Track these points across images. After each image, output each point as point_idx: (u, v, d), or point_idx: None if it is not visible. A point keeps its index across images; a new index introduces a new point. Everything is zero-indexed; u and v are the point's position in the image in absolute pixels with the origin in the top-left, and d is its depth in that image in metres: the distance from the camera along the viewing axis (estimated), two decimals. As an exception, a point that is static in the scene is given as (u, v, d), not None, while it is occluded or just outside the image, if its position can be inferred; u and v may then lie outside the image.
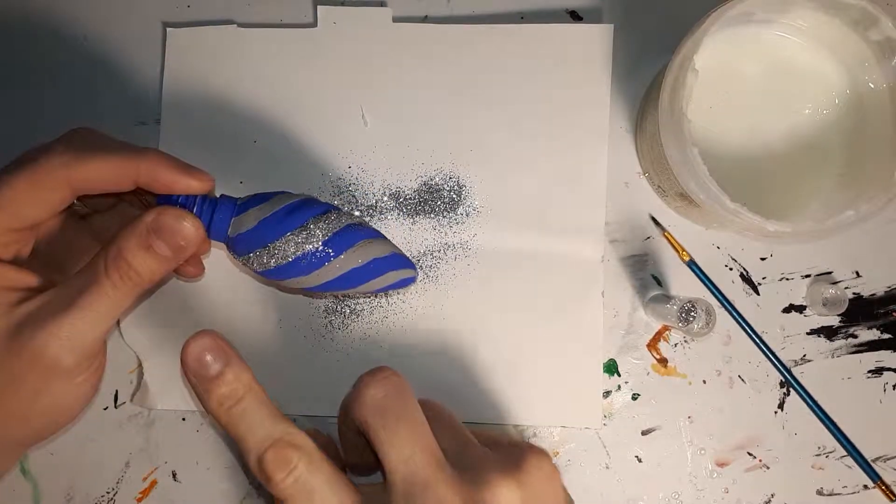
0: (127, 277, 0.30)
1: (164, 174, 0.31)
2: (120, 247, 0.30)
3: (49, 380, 0.30)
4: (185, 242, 0.31)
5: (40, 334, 0.29)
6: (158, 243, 0.30)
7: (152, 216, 0.31)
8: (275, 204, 0.33)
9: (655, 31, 0.43)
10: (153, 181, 0.31)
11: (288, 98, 0.43)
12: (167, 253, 0.31)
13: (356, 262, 0.34)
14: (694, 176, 0.34)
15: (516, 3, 0.43)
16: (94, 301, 0.29)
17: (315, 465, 0.28)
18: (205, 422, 0.42)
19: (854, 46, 0.38)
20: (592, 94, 0.42)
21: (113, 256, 0.30)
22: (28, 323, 0.29)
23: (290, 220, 0.33)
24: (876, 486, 0.41)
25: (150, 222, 0.30)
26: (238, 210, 0.33)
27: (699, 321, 0.38)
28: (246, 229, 0.33)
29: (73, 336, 0.29)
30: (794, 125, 0.39)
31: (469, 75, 0.43)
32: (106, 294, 0.30)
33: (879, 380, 0.42)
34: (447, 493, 0.27)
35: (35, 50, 0.44)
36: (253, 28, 0.43)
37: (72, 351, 0.29)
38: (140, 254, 0.30)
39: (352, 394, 0.30)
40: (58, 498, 0.42)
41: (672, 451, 0.42)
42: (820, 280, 0.42)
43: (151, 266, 0.31)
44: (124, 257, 0.30)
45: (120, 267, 0.30)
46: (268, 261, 0.33)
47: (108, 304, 0.30)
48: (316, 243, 0.33)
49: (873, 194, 0.35)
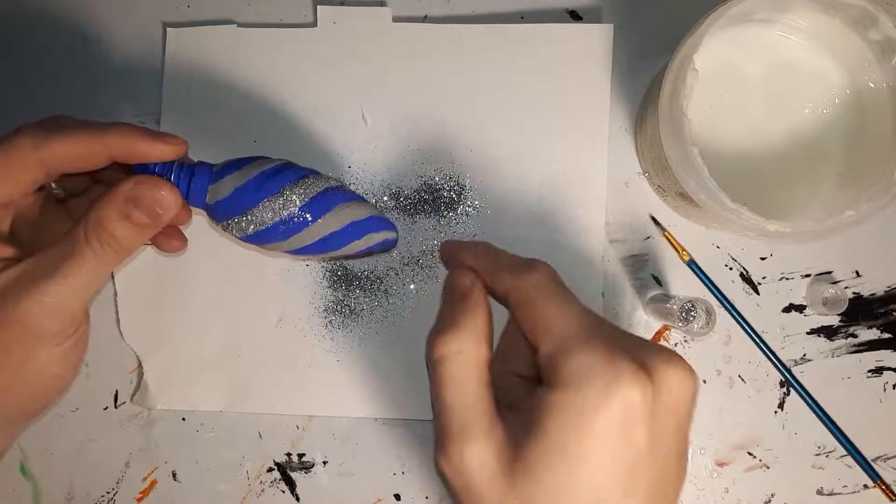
0: (107, 245, 0.31)
1: (135, 144, 0.32)
2: (99, 215, 0.31)
3: (34, 347, 0.30)
4: (162, 210, 0.32)
5: (24, 302, 0.29)
6: (136, 212, 0.31)
7: (129, 185, 0.31)
8: (250, 170, 0.33)
9: (655, 31, 0.43)
10: (125, 152, 0.32)
11: (288, 98, 0.43)
12: (145, 221, 0.31)
13: (335, 226, 0.34)
14: (694, 176, 0.34)
15: (516, 3, 0.43)
16: (77, 268, 0.30)
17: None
18: (205, 422, 0.42)
19: (854, 46, 0.38)
20: (592, 94, 0.42)
21: (93, 225, 0.31)
22: (10, 291, 0.29)
23: (266, 187, 0.33)
24: (876, 486, 0.41)
25: (128, 191, 0.31)
26: (214, 177, 0.33)
27: (699, 321, 0.38)
28: (223, 197, 0.33)
29: (57, 302, 0.30)
30: (794, 125, 0.39)
31: (469, 75, 0.43)
32: (88, 261, 0.30)
33: (879, 380, 0.42)
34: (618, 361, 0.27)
35: (35, 50, 0.44)
36: (253, 28, 0.43)
37: (56, 317, 0.30)
38: (119, 222, 0.31)
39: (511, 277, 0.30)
40: (58, 498, 0.42)
41: (672, 451, 0.42)
42: (820, 280, 0.42)
43: (130, 233, 0.31)
44: (104, 225, 0.31)
45: (100, 235, 0.31)
46: (246, 227, 0.34)
47: (89, 271, 0.30)
48: (293, 209, 0.33)
49: (873, 194, 0.35)
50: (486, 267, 0.32)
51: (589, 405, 0.27)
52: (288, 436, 0.42)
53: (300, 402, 0.42)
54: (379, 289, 0.42)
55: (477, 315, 0.30)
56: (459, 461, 0.28)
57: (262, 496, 0.42)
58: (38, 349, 0.30)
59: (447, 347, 0.29)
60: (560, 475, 0.27)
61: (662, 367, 0.27)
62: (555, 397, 0.27)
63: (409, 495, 0.42)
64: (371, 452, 0.42)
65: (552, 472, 0.27)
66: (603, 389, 0.27)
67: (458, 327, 0.30)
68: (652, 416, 0.27)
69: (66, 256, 0.30)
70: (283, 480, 0.42)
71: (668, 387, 0.27)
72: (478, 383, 0.29)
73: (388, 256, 0.42)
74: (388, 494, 0.42)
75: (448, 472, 0.28)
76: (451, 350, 0.29)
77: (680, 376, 0.28)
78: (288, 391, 0.42)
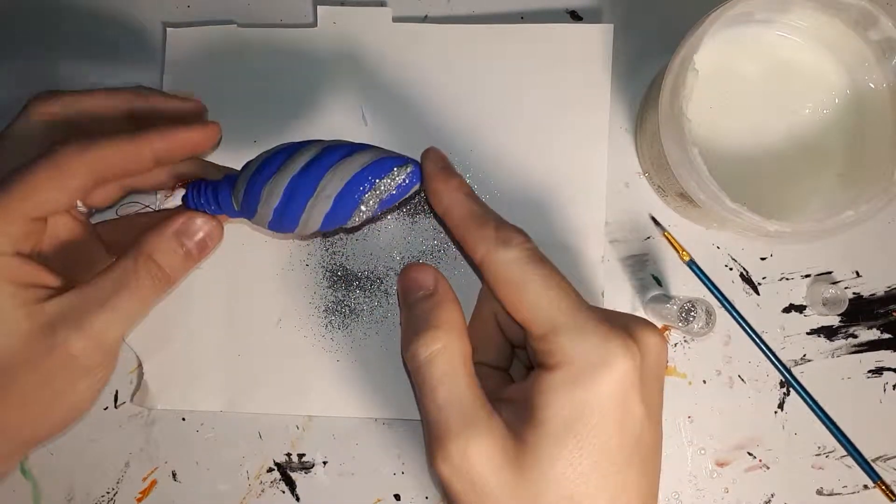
0: (157, 279, 0.31)
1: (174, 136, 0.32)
2: (151, 249, 0.32)
3: (76, 378, 0.30)
4: (211, 242, 0.33)
5: (73, 335, 0.29)
6: (189, 244, 0.33)
7: (181, 219, 0.33)
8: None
9: (655, 31, 0.43)
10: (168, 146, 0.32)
11: (288, 98, 0.43)
12: (195, 253, 0.33)
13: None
14: (694, 176, 0.34)
15: (516, 3, 0.43)
16: (126, 301, 0.30)
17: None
18: (205, 422, 0.42)
19: (854, 46, 0.38)
20: (592, 94, 0.42)
21: (144, 259, 0.31)
22: (59, 323, 0.29)
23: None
24: (876, 486, 0.41)
25: (180, 224, 0.32)
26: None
27: (699, 321, 0.38)
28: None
29: (103, 335, 0.30)
30: (794, 125, 0.39)
31: (469, 75, 0.43)
32: (135, 295, 0.31)
33: (879, 380, 0.42)
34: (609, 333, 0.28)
35: (35, 49, 0.44)
36: (253, 28, 0.43)
37: (100, 350, 0.30)
38: (170, 256, 0.32)
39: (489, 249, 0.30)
40: (58, 498, 0.42)
41: (672, 451, 0.42)
42: (820, 280, 0.42)
43: (178, 265, 0.32)
44: (154, 259, 0.31)
45: (150, 268, 0.31)
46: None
47: (138, 304, 0.31)
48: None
49: (873, 194, 0.35)
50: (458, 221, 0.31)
51: (588, 381, 0.27)
52: (288, 436, 0.42)
53: (300, 402, 0.42)
54: (379, 289, 0.42)
55: (450, 309, 0.30)
56: (462, 459, 0.27)
57: (262, 496, 0.42)
58: (79, 380, 0.31)
59: (430, 348, 0.29)
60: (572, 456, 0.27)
61: (642, 333, 0.29)
62: (553, 378, 0.28)
63: (409, 495, 0.42)
64: (371, 452, 0.42)
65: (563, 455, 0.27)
66: (600, 364, 0.27)
67: (435, 326, 0.30)
68: (642, 382, 0.28)
69: (114, 290, 0.30)
70: (283, 480, 0.42)
71: (649, 350, 0.29)
72: (468, 377, 0.29)
73: (388, 256, 0.42)
74: (388, 494, 0.42)
75: (448, 473, 0.28)
76: (434, 350, 0.29)
77: (656, 338, 0.30)
78: (288, 391, 0.42)
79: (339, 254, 0.42)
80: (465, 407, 0.28)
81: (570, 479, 0.27)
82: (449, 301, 0.31)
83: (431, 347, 0.29)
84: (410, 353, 0.30)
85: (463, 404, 0.28)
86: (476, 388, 0.29)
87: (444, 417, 0.28)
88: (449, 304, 0.31)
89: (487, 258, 0.30)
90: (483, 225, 0.30)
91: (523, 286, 0.29)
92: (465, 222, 0.31)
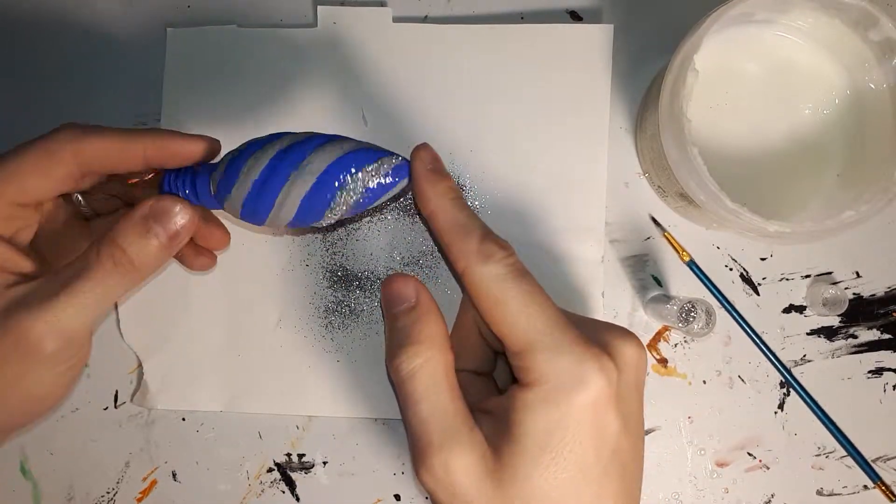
0: (120, 265, 0.30)
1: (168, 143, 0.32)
2: (115, 234, 0.30)
3: (30, 365, 0.29)
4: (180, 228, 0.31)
5: (26, 317, 0.28)
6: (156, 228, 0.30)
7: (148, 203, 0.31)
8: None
9: (655, 31, 0.43)
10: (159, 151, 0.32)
11: (288, 98, 0.43)
12: (163, 239, 0.30)
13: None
14: (694, 176, 0.34)
15: (516, 3, 0.43)
16: (84, 287, 0.29)
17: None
18: (205, 422, 0.42)
19: (854, 46, 0.38)
20: (592, 94, 0.42)
21: (107, 243, 0.30)
22: (16, 306, 0.29)
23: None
24: (876, 487, 0.41)
25: (148, 208, 0.30)
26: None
27: (699, 321, 0.38)
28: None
29: (59, 321, 0.29)
30: (794, 125, 0.39)
31: (469, 75, 0.43)
32: (97, 281, 0.29)
33: (879, 380, 0.42)
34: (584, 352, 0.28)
35: (35, 50, 0.44)
36: (253, 28, 0.43)
37: (56, 337, 0.29)
38: (135, 241, 0.30)
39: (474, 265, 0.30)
40: (58, 498, 0.42)
41: (672, 452, 0.42)
42: (820, 280, 0.42)
43: (146, 253, 0.30)
44: (118, 244, 0.30)
45: (114, 254, 0.30)
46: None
47: (98, 291, 0.29)
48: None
49: (873, 194, 0.35)
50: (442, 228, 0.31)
51: (563, 400, 0.28)
52: (288, 436, 0.42)
53: (300, 402, 0.42)
54: (379, 289, 0.42)
55: (432, 322, 0.30)
56: (444, 472, 0.28)
57: (262, 496, 0.42)
58: (34, 368, 0.29)
59: (412, 362, 0.29)
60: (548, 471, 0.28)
61: (620, 345, 0.29)
62: (529, 396, 0.28)
63: (409, 495, 0.42)
64: (371, 452, 0.42)
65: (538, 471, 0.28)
66: (575, 383, 0.28)
67: (418, 339, 0.30)
68: (618, 397, 0.28)
69: (74, 275, 0.29)
70: (283, 480, 0.42)
71: (626, 362, 0.29)
72: (451, 391, 0.29)
73: (389, 257, 0.42)
74: (388, 494, 0.42)
75: (432, 484, 0.28)
76: (416, 364, 0.29)
77: (635, 348, 0.29)
78: (288, 391, 0.42)
79: (340, 254, 0.42)
80: (447, 421, 0.29)
81: (546, 492, 0.28)
82: (431, 314, 0.31)
83: (414, 362, 0.29)
84: (394, 367, 0.30)
85: (445, 418, 0.29)
86: (458, 401, 0.29)
87: (427, 431, 0.28)
88: (430, 317, 0.30)
89: (468, 271, 0.30)
90: (466, 236, 0.30)
91: (502, 302, 0.29)
92: (448, 231, 0.30)
